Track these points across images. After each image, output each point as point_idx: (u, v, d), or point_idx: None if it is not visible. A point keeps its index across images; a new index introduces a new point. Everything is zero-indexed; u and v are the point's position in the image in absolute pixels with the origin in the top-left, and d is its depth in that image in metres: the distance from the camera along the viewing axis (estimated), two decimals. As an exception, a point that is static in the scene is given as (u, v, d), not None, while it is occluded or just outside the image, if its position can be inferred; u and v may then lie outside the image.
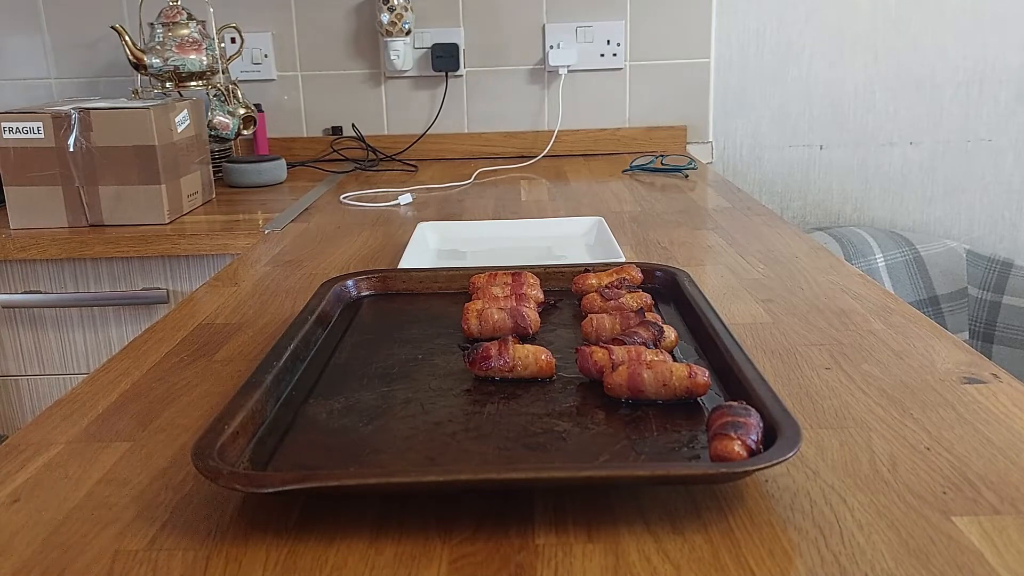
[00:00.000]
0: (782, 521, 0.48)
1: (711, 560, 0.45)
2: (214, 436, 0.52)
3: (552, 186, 1.63)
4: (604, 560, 0.45)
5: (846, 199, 2.10)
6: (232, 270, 1.09)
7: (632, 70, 1.98)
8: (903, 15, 1.99)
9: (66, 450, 0.59)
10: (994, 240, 2.11)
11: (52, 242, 1.44)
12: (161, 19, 1.72)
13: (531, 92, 1.99)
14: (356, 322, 0.81)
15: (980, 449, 0.55)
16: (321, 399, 0.63)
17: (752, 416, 0.52)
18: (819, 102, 2.04)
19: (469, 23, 1.95)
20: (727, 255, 1.06)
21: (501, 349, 0.65)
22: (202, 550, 0.47)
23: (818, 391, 0.65)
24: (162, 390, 0.70)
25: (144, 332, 0.84)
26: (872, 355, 0.71)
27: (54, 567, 0.46)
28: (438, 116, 1.97)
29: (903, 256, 1.95)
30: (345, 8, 1.94)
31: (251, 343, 0.80)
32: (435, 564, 0.45)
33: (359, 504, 0.50)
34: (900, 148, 2.07)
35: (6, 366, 1.53)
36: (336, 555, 0.46)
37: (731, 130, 2.06)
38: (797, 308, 0.84)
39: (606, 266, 0.86)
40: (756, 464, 0.48)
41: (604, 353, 0.63)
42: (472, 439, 0.56)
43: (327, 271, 1.05)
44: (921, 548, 0.45)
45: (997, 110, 2.04)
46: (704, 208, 1.41)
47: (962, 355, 0.71)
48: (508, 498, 0.51)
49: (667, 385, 0.59)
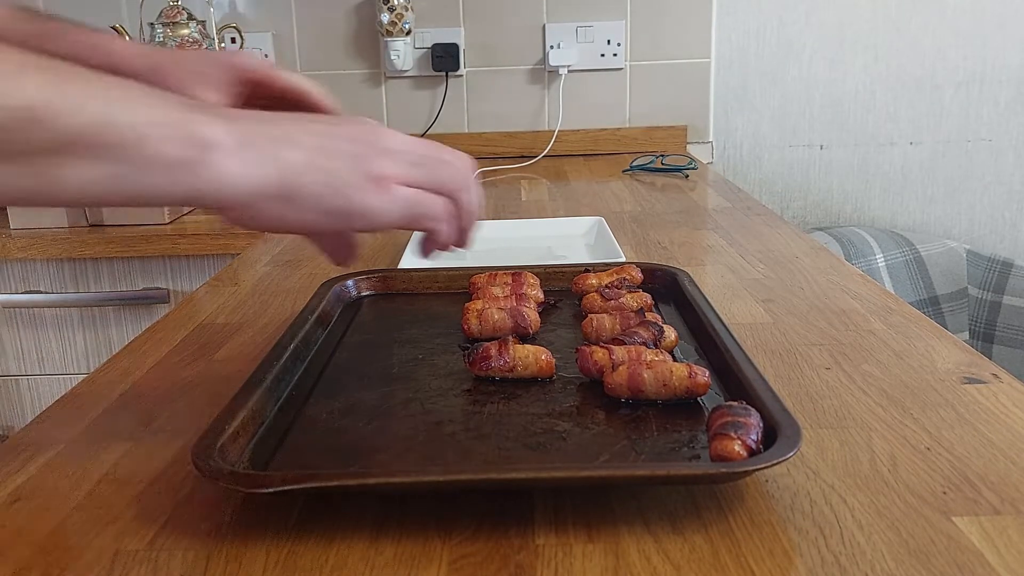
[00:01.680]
0: (782, 521, 0.48)
1: (711, 560, 0.45)
2: (214, 436, 0.52)
3: (552, 186, 1.63)
4: (604, 560, 0.45)
5: (846, 199, 2.11)
6: (232, 270, 1.09)
7: (632, 70, 1.98)
8: (903, 15, 1.99)
9: (66, 450, 0.59)
10: (994, 240, 2.11)
11: (52, 242, 1.44)
12: (161, 19, 1.72)
13: (531, 92, 1.99)
14: (356, 322, 0.81)
15: (980, 449, 0.55)
16: (321, 399, 0.63)
17: (752, 416, 0.52)
18: (819, 102, 2.04)
19: (469, 23, 1.95)
20: (727, 255, 1.06)
21: (501, 349, 0.65)
22: (202, 550, 0.47)
23: (818, 391, 0.65)
24: (162, 390, 0.70)
25: (144, 332, 0.84)
26: (872, 355, 0.71)
27: (54, 567, 0.46)
28: (438, 116, 1.97)
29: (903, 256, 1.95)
30: (345, 8, 1.94)
31: (251, 343, 0.80)
32: (435, 564, 0.45)
33: (359, 504, 0.50)
34: (900, 148, 2.07)
35: (6, 366, 1.53)
36: (336, 555, 0.46)
37: (731, 130, 2.06)
38: (797, 308, 0.84)
39: (606, 266, 0.86)
40: (756, 464, 0.48)
41: (604, 353, 0.63)
42: (472, 439, 0.56)
43: (327, 271, 1.05)
44: (921, 548, 0.45)
45: (997, 110, 2.04)
46: (704, 208, 1.41)
47: (962, 355, 0.71)
48: (508, 498, 0.51)
49: (667, 385, 0.59)
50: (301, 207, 0.50)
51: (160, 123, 0.45)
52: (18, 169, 0.42)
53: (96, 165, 0.44)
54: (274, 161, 0.49)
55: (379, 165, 0.52)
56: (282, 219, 0.51)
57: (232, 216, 0.51)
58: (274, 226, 0.52)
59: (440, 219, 0.55)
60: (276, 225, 0.51)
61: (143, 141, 0.44)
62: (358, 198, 0.51)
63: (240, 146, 0.48)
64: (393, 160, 0.53)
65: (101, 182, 0.44)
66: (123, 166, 0.44)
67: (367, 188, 0.51)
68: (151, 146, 0.44)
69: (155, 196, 0.47)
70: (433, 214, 0.55)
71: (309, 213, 0.51)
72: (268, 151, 0.49)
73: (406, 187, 0.53)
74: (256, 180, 0.48)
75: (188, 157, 0.46)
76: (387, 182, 0.52)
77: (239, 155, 0.48)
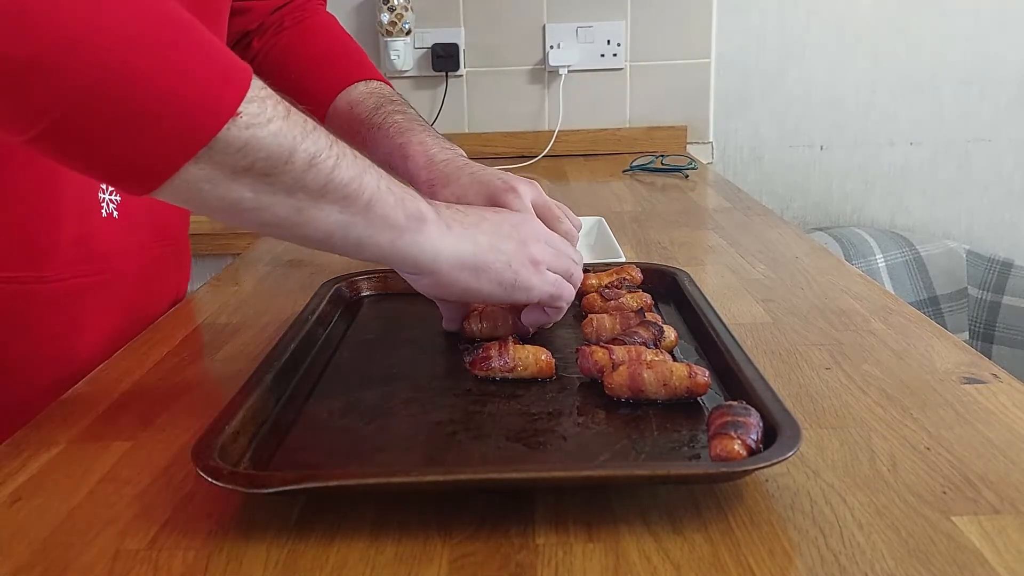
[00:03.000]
0: (782, 521, 0.48)
1: (711, 559, 0.45)
2: (215, 436, 0.52)
3: (552, 186, 1.63)
4: (604, 560, 0.45)
5: (846, 199, 2.11)
6: (233, 270, 1.09)
7: (632, 70, 1.98)
8: (903, 15, 1.99)
9: (67, 450, 0.59)
10: (994, 240, 2.11)
11: (52, 242, 1.43)
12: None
13: (531, 92, 1.99)
14: (357, 322, 0.81)
15: (980, 449, 0.55)
16: (322, 399, 0.63)
17: (752, 416, 0.52)
18: (819, 102, 2.04)
19: (469, 23, 1.95)
20: (727, 255, 1.06)
21: (501, 349, 0.65)
22: (203, 549, 0.47)
23: (818, 391, 0.65)
24: (163, 390, 0.70)
25: (145, 332, 0.84)
26: (872, 355, 0.71)
27: (55, 566, 0.46)
28: (438, 116, 1.97)
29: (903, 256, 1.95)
30: (345, 8, 1.94)
31: (252, 343, 0.80)
32: (435, 564, 0.45)
33: (359, 504, 0.50)
34: (900, 148, 2.07)
35: (6, 366, 1.53)
36: (336, 555, 0.46)
37: (731, 130, 2.06)
38: (797, 308, 0.84)
39: (606, 266, 0.86)
40: (756, 464, 0.48)
41: (604, 353, 0.63)
42: (472, 439, 0.56)
43: (328, 271, 1.05)
44: (921, 548, 0.45)
45: (997, 110, 2.04)
46: (704, 208, 1.41)
47: (962, 355, 0.71)
48: (508, 498, 0.51)
49: (667, 385, 0.59)
50: (484, 278, 0.64)
51: (388, 192, 0.59)
52: (291, 202, 0.54)
53: (338, 213, 0.56)
54: (470, 240, 0.64)
55: (536, 251, 0.67)
56: (467, 288, 0.65)
57: (426, 283, 0.65)
58: (459, 293, 0.65)
59: (568, 302, 0.70)
60: (461, 292, 0.65)
61: (373, 202, 0.58)
62: (524, 275, 0.66)
63: (447, 225, 0.63)
64: (542, 248, 0.67)
65: (337, 228, 0.57)
66: (357, 218, 0.57)
67: (529, 268, 0.66)
68: (379, 208, 0.58)
69: (377, 249, 0.60)
70: (567, 297, 0.69)
71: (488, 284, 0.64)
72: (465, 233, 0.64)
73: (552, 272, 0.68)
74: (459, 252, 0.63)
75: (408, 225, 0.60)
76: (541, 265, 0.67)
77: (447, 232, 0.63)
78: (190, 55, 0.49)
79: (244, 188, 0.52)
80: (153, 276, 0.90)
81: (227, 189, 0.52)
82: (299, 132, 0.53)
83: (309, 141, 0.54)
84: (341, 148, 0.57)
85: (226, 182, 0.52)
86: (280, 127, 0.52)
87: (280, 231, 0.57)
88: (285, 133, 0.52)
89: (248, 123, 0.50)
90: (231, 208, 0.53)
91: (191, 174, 0.50)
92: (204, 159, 0.50)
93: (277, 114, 0.52)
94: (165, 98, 0.47)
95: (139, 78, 0.47)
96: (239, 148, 0.50)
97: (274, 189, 0.53)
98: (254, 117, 0.51)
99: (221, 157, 0.50)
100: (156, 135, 0.48)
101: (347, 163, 0.56)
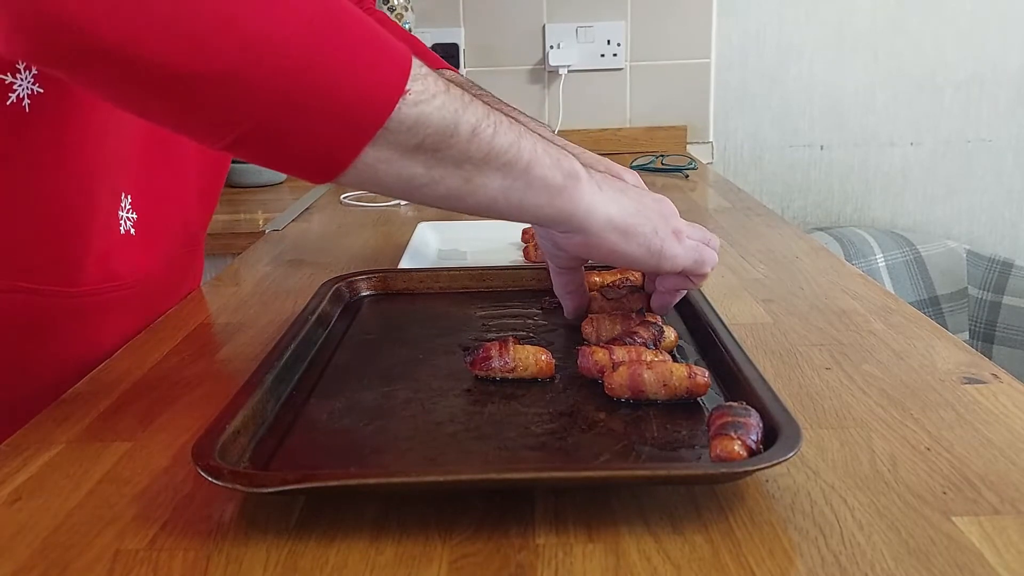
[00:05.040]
0: (782, 521, 0.48)
1: (711, 560, 0.45)
2: (214, 436, 0.52)
3: (552, 186, 1.63)
4: (604, 560, 0.45)
5: (846, 199, 2.11)
6: (233, 270, 1.09)
7: (633, 70, 1.98)
8: (903, 15, 1.99)
9: (67, 450, 0.59)
10: (994, 240, 2.11)
11: (52, 242, 1.43)
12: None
13: (531, 92, 1.99)
14: (357, 322, 0.81)
15: (980, 449, 0.55)
16: (322, 399, 0.63)
17: (752, 416, 0.52)
18: (819, 102, 2.05)
19: (469, 23, 1.95)
20: (727, 255, 1.06)
21: (501, 349, 0.65)
22: (203, 550, 0.47)
23: (818, 391, 0.65)
24: (163, 390, 0.70)
25: (145, 331, 0.84)
26: (872, 355, 0.71)
27: (55, 566, 0.46)
28: (438, 116, 1.97)
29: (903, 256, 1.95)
30: (345, 8, 1.94)
31: (252, 343, 0.80)
32: (435, 564, 0.45)
33: (359, 504, 0.50)
34: (900, 148, 2.07)
35: (6, 366, 1.53)
36: (336, 555, 0.46)
37: (731, 130, 2.06)
38: (797, 308, 0.84)
39: (606, 266, 0.86)
40: (756, 464, 0.48)
41: (604, 353, 0.63)
42: (472, 439, 0.56)
43: (328, 271, 1.05)
44: (921, 548, 0.45)
45: (997, 110, 2.04)
46: (704, 208, 1.41)
47: (962, 355, 0.71)
48: (508, 498, 0.51)
49: (667, 385, 0.59)
50: (633, 242, 0.65)
51: (544, 154, 0.60)
52: (460, 173, 0.57)
53: (500, 178, 0.58)
54: (618, 202, 0.64)
55: (676, 223, 0.68)
56: (614, 249, 0.65)
57: (577, 240, 0.65)
58: (606, 254, 0.66)
59: (712, 266, 0.71)
60: (607, 254, 0.66)
61: (532, 165, 0.59)
62: (669, 243, 0.67)
63: (598, 186, 0.64)
64: (680, 222, 0.69)
65: (501, 194, 0.59)
66: (519, 182, 0.59)
67: (672, 237, 0.67)
68: (538, 169, 0.59)
69: (536, 210, 0.61)
70: (711, 261, 0.70)
71: (637, 248, 0.65)
72: (614, 196, 0.65)
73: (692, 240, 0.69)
74: (610, 212, 0.63)
75: (564, 184, 0.61)
76: (683, 235, 0.68)
77: (598, 191, 0.63)
78: (356, 42, 0.51)
79: (417, 164, 0.55)
80: (171, 281, 0.92)
81: (401, 167, 0.55)
82: (460, 105, 0.55)
83: (469, 112, 0.55)
84: (497, 116, 0.58)
85: (400, 160, 0.54)
86: (443, 101, 0.54)
87: (449, 202, 0.59)
88: (448, 107, 0.54)
89: (416, 100, 0.53)
90: (406, 184, 0.56)
91: (370, 156, 0.53)
92: (380, 140, 0.53)
93: (439, 89, 0.54)
94: (343, 89, 0.50)
95: (319, 76, 0.49)
96: (410, 126, 0.53)
97: (443, 162, 0.56)
98: (420, 94, 0.53)
99: (395, 136, 0.53)
100: (338, 124, 0.51)
101: (504, 129, 0.58)
